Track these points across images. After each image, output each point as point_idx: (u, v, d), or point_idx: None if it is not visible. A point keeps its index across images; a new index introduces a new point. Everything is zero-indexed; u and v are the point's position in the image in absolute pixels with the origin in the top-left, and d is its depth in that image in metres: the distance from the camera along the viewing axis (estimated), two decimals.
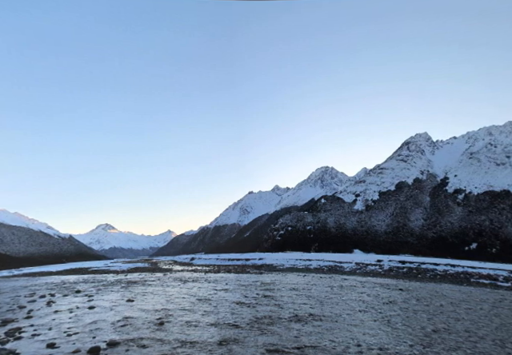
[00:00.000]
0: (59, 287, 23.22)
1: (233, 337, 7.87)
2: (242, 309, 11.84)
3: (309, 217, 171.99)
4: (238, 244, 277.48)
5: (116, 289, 20.24)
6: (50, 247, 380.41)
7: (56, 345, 7.39)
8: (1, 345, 7.72)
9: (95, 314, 11.28)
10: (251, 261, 57.86)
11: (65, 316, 11.18)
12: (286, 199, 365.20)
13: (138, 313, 11.32)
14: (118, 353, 6.78)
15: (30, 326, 9.64)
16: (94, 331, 8.76)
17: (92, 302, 14.17)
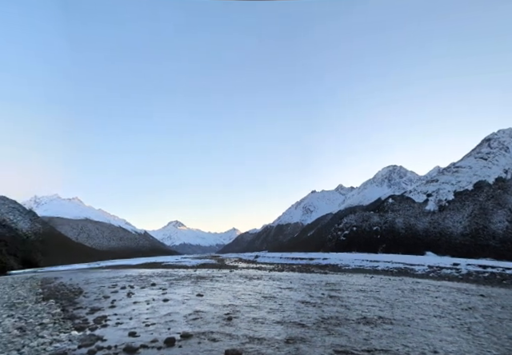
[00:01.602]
0: (137, 280, 25.15)
1: (299, 336, 7.85)
2: (308, 308, 11.76)
3: (375, 218, 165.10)
4: (300, 243, 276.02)
5: (187, 283, 21.36)
6: (128, 242, 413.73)
7: (136, 334, 8.04)
8: (90, 331, 8.61)
9: (169, 307, 12.02)
10: (315, 261, 57.14)
11: (143, 307, 12.09)
12: (350, 198, 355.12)
13: (207, 307, 11.82)
14: (191, 344, 7.16)
15: (114, 315, 10.59)
16: (169, 323, 9.34)
17: (166, 295, 15.12)
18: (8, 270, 75.01)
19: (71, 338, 7.82)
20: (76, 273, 42.93)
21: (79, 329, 8.75)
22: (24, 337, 8.05)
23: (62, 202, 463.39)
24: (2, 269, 69.66)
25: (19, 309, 12.59)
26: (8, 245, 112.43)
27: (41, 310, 12.19)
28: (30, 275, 48.85)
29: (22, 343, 7.39)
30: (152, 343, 7.24)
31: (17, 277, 48.11)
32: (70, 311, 11.87)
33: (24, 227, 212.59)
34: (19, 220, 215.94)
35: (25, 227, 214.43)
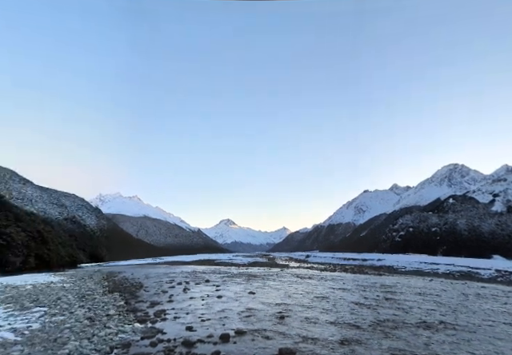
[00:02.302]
0: (192, 276, 26.15)
1: (354, 338, 7.68)
2: (362, 310, 11.45)
3: (434, 218, 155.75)
4: (353, 243, 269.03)
5: (239, 281, 21.79)
6: (183, 239, 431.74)
7: (193, 329, 8.39)
8: (151, 323, 9.14)
9: (223, 303, 12.37)
10: (369, 262, 55.35)
11: (198, 303, 12.56)
12: (405, 198, 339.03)
13: (259, 305, 11.98)
14: (245, 341, 7.32)
15: (172, 309, 11.13)
16: (223, 319, 9.62)
17: (219, 292, 15.56)
18: (78, 264, 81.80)
19: (134, 330, 8.36)
20: (136, 268, 45.61)
21: (141, 322, 9.32)
22: (93, 326, 8.75)
23: (123, 200, 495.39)
24: (73, 262, 76.06)
25: (89, 301, 13.68)
26: (78, 241, 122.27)
27: (107, 302, 13.15)
28: (97, 269, 52.77)
29: (92, 332, 8.04)
30: (208, 338, 7.51)
31: (86, 270, 52.27)
32: (132, 304, 12.68)
33: (91, 223, 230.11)
34: (87, 216, 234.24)
35: (92, 223, 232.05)
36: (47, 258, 59.55)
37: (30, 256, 51.92)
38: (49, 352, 6.40)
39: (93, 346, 6.79)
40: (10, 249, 45.97)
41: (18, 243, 48.29)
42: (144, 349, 6.70)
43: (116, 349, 6.75)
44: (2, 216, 51.89)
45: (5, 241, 45.32)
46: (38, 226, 66.90)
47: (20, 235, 50.75)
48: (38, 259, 55.74)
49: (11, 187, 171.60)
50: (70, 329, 8.40)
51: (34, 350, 6.51)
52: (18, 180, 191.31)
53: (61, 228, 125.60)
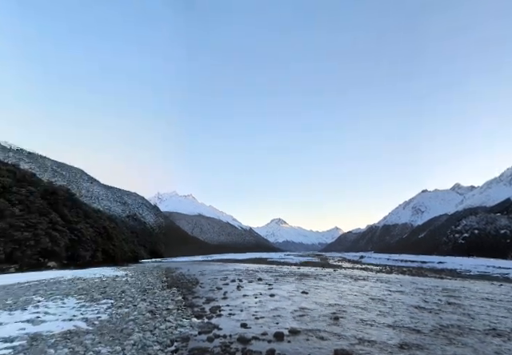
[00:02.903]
0: (244, 274, 26.63)
1: (415, 343, 7.34)
2: (423, 314, 10.89)
3: (503, 220, 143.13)
4: (410, 245, 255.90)
5: (291, 280, 21.79)
6: (235, 237, 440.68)
7: (248, 326, 8.58)
8: (207, 319, 9.48)
9: (276, 302, 12.46)
10: (428, 264, 52.36)
11: (251, 300, 12.78)
12: (469, 199, 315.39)
13: (312, 305, 11.90)
14: (299, 341, 7.34)
15: (227, 306, 11.45)
16: (277, 317, 9.70)
17: (272, 290, 15.69)
18: (139, 259, 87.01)
19: (192, 325, 8.73)
20: (192, 265, 47.41)
21: (198, 317, 9.70)
22: (155, 319, 9.27)
23: (179, 199, 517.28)
24: (135, 257, 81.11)
25: (149, 295, 14.50)
26: (139, 237, 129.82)
27: (166, 297, 13.84)
28: (156, 264, 55.76)
29: (154, 325, 8.53)
30: (262, 336, 7.64)
31: (146, 265, 55.39)
32: (189, 299, 13.22)
33: (150, 221, 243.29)
34: (147, 214, 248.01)
35: (151, 221, 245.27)
36: (112, 253, 64.07)
37: (97, 250, 56.20)
38: (116, 341, 6.91)
39: (155, 338, 7.21)
40: (80, 243, 50.09)
41: (87, 238, 52.46)
42: (202, 344, 6.99)
43: (176, 342, 7.11)
44: (74, 213, 56.69)
45: (76, 237, 49.47)
46: (103, 223, 72.16)
47: (89, 231, 55.10)
48: (105, 254, 60.16)
49: (81, 186, 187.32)
50: (134, 321, 8.97)
51: (103, 339, 7.07)
52: (87, 179, 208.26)
53: (124, 225, 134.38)
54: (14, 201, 39.89)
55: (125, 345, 6.63)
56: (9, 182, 42.32)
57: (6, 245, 34.29)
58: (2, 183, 40.59)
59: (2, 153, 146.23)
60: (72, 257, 48.50)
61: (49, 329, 7.90)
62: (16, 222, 36.84)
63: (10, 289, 16.61)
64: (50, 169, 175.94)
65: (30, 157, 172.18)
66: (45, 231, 41.46)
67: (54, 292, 14.98)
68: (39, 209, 44.44)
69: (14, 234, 35.42)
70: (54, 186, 62.98)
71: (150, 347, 6.55)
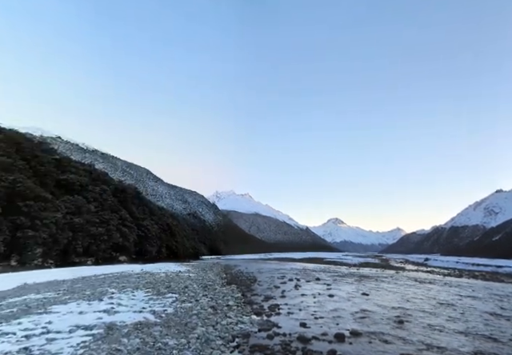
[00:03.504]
0: (302, 273, 26.50)
1: (491, 351, 6.77)
2: (499, 321, 9.99)
3: None
4: (482, 248, 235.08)
5: (350, 280, 21.22)
6: (291, 236, 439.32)
7: (307, 325, 8.55)
8: (266, 317, 9.61)
9: (335, 303, 12.24)
10: (505, 269, 47.71)
11: (310, 300, 12.69)
12: None
13: (374, 307, 11.50)
14: (361, 343, 7.14)
15: (285, 305, 11.50)
16: (336, 318, 9.53)
17: (330, 291, 15.43)
18: (200, 255, 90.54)
19: (252, 321, 8.90)
20: (250, 263, 48.26)
21: (257, 314, 9.86)
22: (216, 315, 9.59)
23: (236, 198, 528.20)
24: (196, 254, 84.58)
25: (210, 291, 15.03)
26: (199, 234, 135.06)
27: (226, 293, 14.25)
28: (216, 261, 57.61)
29: (216, 320, 8.83)
30: (322, 336, 7.57)
31: (206, 262, 57.48)
32: (248, 296, 13.50)
33: (209, 219, 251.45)
34: (206, 212, 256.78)
35: (210, 219, 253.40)
36: (175, 249, 67.46)
37: (162, 246, 59.56)
38: (181, 334, 7.28)
39: (217, 333, 7.49)
40: (147, 239, 53.47)
41: (152, 235, 55.83)
42: (262, 341, 7.11)
43: (237, 338, 7.31)
44: (141, 210, 60.64)
45: (143, 233, 52.89)
46: (167, 220, 76.21)
47: (154, 227, 58.55)
48: (169, 249, 63.56)
49: (147, 184, 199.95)
50: (197, 315, 9.36)
51: (170, 332, 7.48)
52: (152, 178, 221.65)
53: (185, 222, 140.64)
54: (89, 199, 43.70)
55: (189, 338, 6.95)
56: (85, 181, 46.47)
57: (83, 239, 37.70)
58: (79, 182, 44.70)
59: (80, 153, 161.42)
60: (140, 252, 51.93)
61: (122, 319, 8.53)
62: (91, 218, 40.32)
63: (88, 281, 18.27)
64: (120, 169, 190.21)
65: (103, 158, 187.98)
66: (116, 227, 44.88)
67: (125, 285, 16.15)
68: (111, 207, 48.20)
69: (90, 229, 38.81)
70: (124, 185, 67.89)
71: (213, 341, 6.80)
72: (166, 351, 5.98)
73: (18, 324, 7.85)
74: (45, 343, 6.28)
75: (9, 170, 32.13)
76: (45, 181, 38.58)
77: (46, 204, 33.23)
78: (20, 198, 31.20)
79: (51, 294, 13.18)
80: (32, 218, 31.02)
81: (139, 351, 5.90)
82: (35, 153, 41.34)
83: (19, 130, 55.23)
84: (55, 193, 38.54)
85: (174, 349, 6.08)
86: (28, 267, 29.72)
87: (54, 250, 34.26)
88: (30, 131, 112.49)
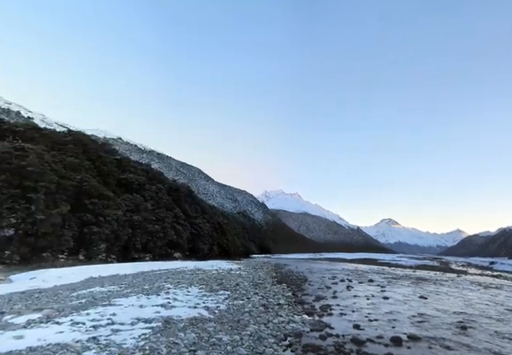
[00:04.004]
0: (354, 274, 25.81)
1: None
2: None
3: None
4: None
5: (406, 283, 20.28)
6: (342, 236, 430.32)
7: (361, 327, 8.34)
8: (318, 317, 9.52)
9: (390, 305, 11.79)
10: None
11: (363, 301, 12.35)
12: None
13: (433, 311, 10.91)
14: (421, 348, 6.82)
15: (337, 306, 11.30)
16: (392, 321, 9.18)
17: (385, 293, 14.87)
18: (250, 254, 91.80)
19: (303, 321, 8.86)
20: (300, 262, 47.99)
21: (309, 314, 9.80)
22: (267, 313, 9.67)
23: (285, 197, 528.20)
24: (246, 252, 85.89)
25: (261, 289, 15.18)
26: (249, 233, 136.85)
27: (277, 292, 14.32)
28: (266, 260, 58.03)
29: (267, 319, 8.90)
30: (378, 339, 7.33)
31: (256, 260, 58.12)
32: (298, 296, 13.46)
33: (258, 218, 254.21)
34: (255, 211, 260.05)
35: (259, 218, 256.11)
36: (226, 247, 69.00)
37: (213, 244, 61.25)
38: (235, 331, 7.44)
39: (269, 331, 7.56)
40: (199, 237, 55.31)
41: (204, 233, 57.62)
42: (314, 341, 7.06)
43: (289, 336, 7.32)
44: (193, 209, 62.86)
45: (195, 231, 54.78)
46: (218, 218, 78.19)
47: (206, 226, 60.40)
48: (220, 247, 65.18)
49: (199, 183, 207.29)
50: (249, 313, 9.50)
51: (223, 328, 7.68)
52: (203, 177, 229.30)
53: (235, 221, 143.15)
54: (146, 197, 46.21)
55: (242, 335, 7.09)
56: (143, 180, 49.22)
57: (141, 236, 39.93)
58: (138, 181, 47.47)
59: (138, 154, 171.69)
60: (193, 250, 53.87)
61: (178, 314, 8.89)
62: (149, 216, 42.58)
63: (146, 276, 19.34)
64: (174, 168, 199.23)
65: (159, 158, 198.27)
66: (171, 225, 46.96)
67: (180, 281, 16.84)
68: (166, 205, 50.54)
69: (147, 227, 41.01)
70: (177, 184, 70.79)
71: (265, 339, 6.88)
72: (220, 347, 6.14)
73: (87, 314, 8.52)
74: (110, 333, 6.75)
75: (76, 170, 34.94)
76: (107, 180, 41.46)
77: (108, 202, 35.69)
78: (86, 196, 33.80)
79: (114, 288, 14.15)
80: (96, 215, 33.46)
81: (195, 345, 6.12)
82: (99, 154, 44.59)
83: (86, 132, 60.09)
84: (116, 191, 41.26)
85: (227, 345, 6.23)
86: (93, 261, 32.14)
87: (116, 246, 36.69)
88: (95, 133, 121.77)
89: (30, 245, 26.55)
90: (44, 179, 28.31)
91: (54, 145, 37.09)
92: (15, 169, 27.33)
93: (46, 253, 29.04)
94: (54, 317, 8.19)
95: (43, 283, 16.94)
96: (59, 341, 6.16)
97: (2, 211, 25.27)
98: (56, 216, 27.94)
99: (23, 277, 19.60)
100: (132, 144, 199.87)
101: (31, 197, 26.88)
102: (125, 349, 5.69)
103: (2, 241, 25.79)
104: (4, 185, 26.15)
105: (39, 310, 8.99)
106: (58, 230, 28.73)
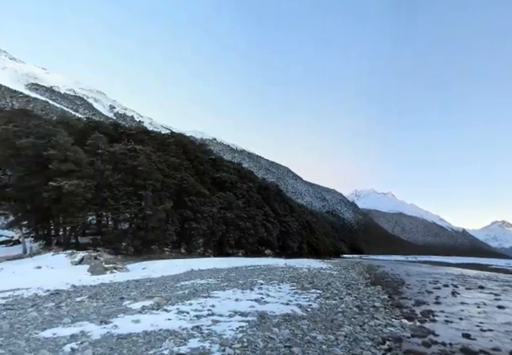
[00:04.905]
0: (460, 279, 23.36)
1: None
2: None
3: None
4: None
5: None
6: (444, 239, 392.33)
7: (471, 337, 7.52)
8: (420, 323, 8.87)
9: (506, 315, 10.39)
10: None
11: (472, 309, 11.12)
12: None
13: None
14: None
15: (441, 312, 10.37)
16: (510, 333, 8.11)
17: (500, 301, 13.16)
18: (340, 254, 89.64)
19: (403, 326, 8.32)
20: (395, 264, 45.17)
21: (408, 319, 9.19)
22: (362, 315, 9.34)
23: (377, 196, 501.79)
24: (336, 252, 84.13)
25: (354, 290, 14.73)
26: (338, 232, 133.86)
27: (371, 294, 13.74)
28: (357, 260, 56.03)
29: (362, 320, 8.60)
30: (493, 351, 6.54)
31: (347, 260, 56.50)
32: (395, 299, 12.71)
33: (348, 217, 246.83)
34: (345, 210, 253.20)
35: (349, 217, 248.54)
36: (316, 246, 68.51)
37: (303, 243, 61.38)
38: (329, 331, 7.37)
39: (365, 334, 7.28)
40: (288, 235, 55.96)
41: (293, 231, 58.08)
42: (417, 347, 6.61)
43: (388, 341, 6.93)
44: (282, 207, 63.82)
45: (284, 229, 55.56)
46: (306, 217, 78.06)
47: (294, 224, 60.81)
48: (309, 246, 65.01)
49: (287, 182, 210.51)
50: (343, 313, 9.30)
51: (317, 326, 7.66)
52: (292, 176, 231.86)
53: (324, 220, 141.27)
54: (238, 195, 48.47)
55: (337, 335, 6.99)
56: (235, 179, 51.76)
57: (234, 232, 42.05)
58: (230, 179, 50.11)
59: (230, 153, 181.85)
60: (282, 247, 54.74)
61: (271, 309, 9.16)
62: (240, 213, 44.60)
63: (240, 271, 20.34)
64: (264, 168, 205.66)
65: (250, 157, 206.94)
66: (261, 222, 48.45)
67: (272, 277, 17.30)
68: (256, 203, 52.30)
69: (239, 224, 43.01)
70: (267, 183, 72.72)
71: (362, 342, 6.66)
72: (315, 345, 6.16)
73: (190, 304, 9.39)
74: (211, 324, 7.29)
75: (177, 169, 38.38)
76: (203, 178, 44.64)
77: (204, 199, 38.40)
78: (186, 194, 36.89)
79: (212, 281, 15.21)
80: (194, 212, 36.27)
81: (290, 341, 6.24)
82: (197, 154, 48.30)
83: (185, 134, 65.74)
84: (211, 189, 44.16)
85: (322, 344, 6.21)
86: (193, 255, 34.98)
87: (212, 241, 39.31)
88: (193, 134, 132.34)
89: (141, 238, 30.02)
90: (151, 178, 31.76)
91: (159, 147, 41.39)
92: (129, 169, 31.22)
93: (154, 246, 32.53)
94: (163, 305, 9.24)
95: (152, 273, 19.09)
96: (168, 327, 6.91)
97: (118, 207, 29.07)
98: (161, 212, 31.08)
99: (136, 266, 22.34)
100: (225, 144, 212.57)
101: (141, 194, 30.40)
102: (225, 340, 6.09)
103: (120, 234, 29.68)
104: (120, 184, 30.07)
105: (151, 298, 10.24)
106: (163, 225, 31.92)
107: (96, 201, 28.13)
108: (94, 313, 8.52)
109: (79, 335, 6.37)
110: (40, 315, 8.39)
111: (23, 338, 6.23)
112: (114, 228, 31.65)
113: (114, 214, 30.71)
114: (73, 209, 25.68)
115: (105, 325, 7.10)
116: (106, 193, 28.74)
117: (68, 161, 26.29)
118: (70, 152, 26.92)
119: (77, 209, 26.07)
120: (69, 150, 26.94)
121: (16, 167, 26.67)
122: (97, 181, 28.42)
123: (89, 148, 31.40)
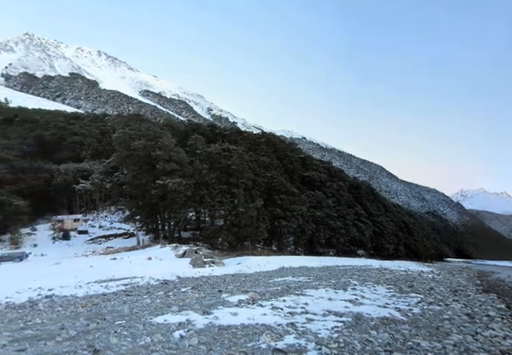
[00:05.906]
0: None
1: None
2: None
3: None
4: None
5: None
6: None
7: None
8: None
9: None
10: None
11: None
12: None
13: None
14: None
15: None
16: None
17: None
18: (443, 257, 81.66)
19: None
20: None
21: None
22: (474, 324, 8.33)
23: (488, 196, 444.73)
24: (438, 255, 76.86)
25: (462, 296, 13.28)
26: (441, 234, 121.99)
27: (483, 302, 12.23)
28: (465, 265, 50.33)
29: (474, 330, 7.65)
30: None
31: (452, 264, 51.24)
32: None
33: (452, 218, 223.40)
34: (448, 211, 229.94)
35: (453, 218, 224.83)
36: (414, 248, 63.54)
37: (399, 244, 57.49)
38: (434, 338, 6.71)
39: (479, 345, 6.46)
40: (382, 236, 52.99)
41: (388, 231, 54.80)
42: None
43: (508, 354, 6.11)
44: (375, 206, 60.75)
45: (378, 229, 52.75)
46: (403, 217, 72.94)
47: (389, 224, 57.33)
48: (407, 248, 60.62)
49: (380, 181, 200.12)
50: (449, 320, 8.44)
51: (420, 333, 7.03)
52: (386, 174, 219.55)
53: (423, 221, 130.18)
54: (328, 194, 47.63)
55: (444, 343, 6.38)
56: (324, 178, 51.00)
57: (324, 231, 41.43)
58: (319, 178, 49.55)
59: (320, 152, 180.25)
60: (377, 248, 52.08)
61: (367, 311, 8.79)
62: (330, 212, 43.77)
63: (331, 270, 19.99)
64: (355, 166, 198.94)
65: (340, 155, 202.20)
66: (352, 222, 46.84)
67: (366, 278, 16.61)
68: (347, 202, 50.73)
69: (329, 223, 42.23)
70: (358, 181, 70.02)
71: (476, 353, 5.96)
72: (419, 352, 5.69)
73: (283, 301, 9.54)
74: (305, 321, 7.30)
75: (268, 168, 39.42)
76: (293, 177, 44.99)
77: (294, 198, 38.64)
78: (275, 192, 37.64)
79: (304, 279, 15.24)
80: (284, 210, 36.75)
81: (389, 346, 5.90)
82: (286, 153, 48.94)
83: (275, 133, 67.24)
84: (300, 188, 44.23)
85: (428, 352, 5.70)
86: (284, 252, 35.53)
87: (302, 239, 39.38)
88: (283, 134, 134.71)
89: (235, 234, 31.58)
90: (243, 176, 33.20)
91: (251, 146, 43.09)
92: (223, 168, 33.20)
93: (247, 242, 33.96)
94: (257, 300, 9.62)
95: (247, 268, 19.96)
96: (264, 322, 7.16)
97: (214, 204, 31.05)
98: (253, 209, 32.25)
99: (232, 261, 23.63)
100: (315, 143, 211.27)
101: (234, 192, 31.97)
102: (320, 339, 6.05)
103: (216, 230, 31.70)
104: (215, 182, 32.11)
105: (246, 292, 10.76)
106: (255, 222, 33.07)
107: (195, 198, 30.58)
108: (196, 303, 9.31)
109: (185, 323, 7.03)
110: (153, 302, 9.60)
111: (140, 322, 7.14)
112: (210, 224, 33.95)
113: (211, 211, 32.93)
114: (176, 205, 28.38)
115: (207, 315, 7.69)
116: (203, 191, 31.00)
117: (171, 161, 29.18)
118: (173, 152, 29.85)
119: (179, 206, 28.74)
120: (172, 151, 29.88)
121: (130, 166, 30.53)
122: (195, 180, 30.87)
123: (189, 148, 34.36)
